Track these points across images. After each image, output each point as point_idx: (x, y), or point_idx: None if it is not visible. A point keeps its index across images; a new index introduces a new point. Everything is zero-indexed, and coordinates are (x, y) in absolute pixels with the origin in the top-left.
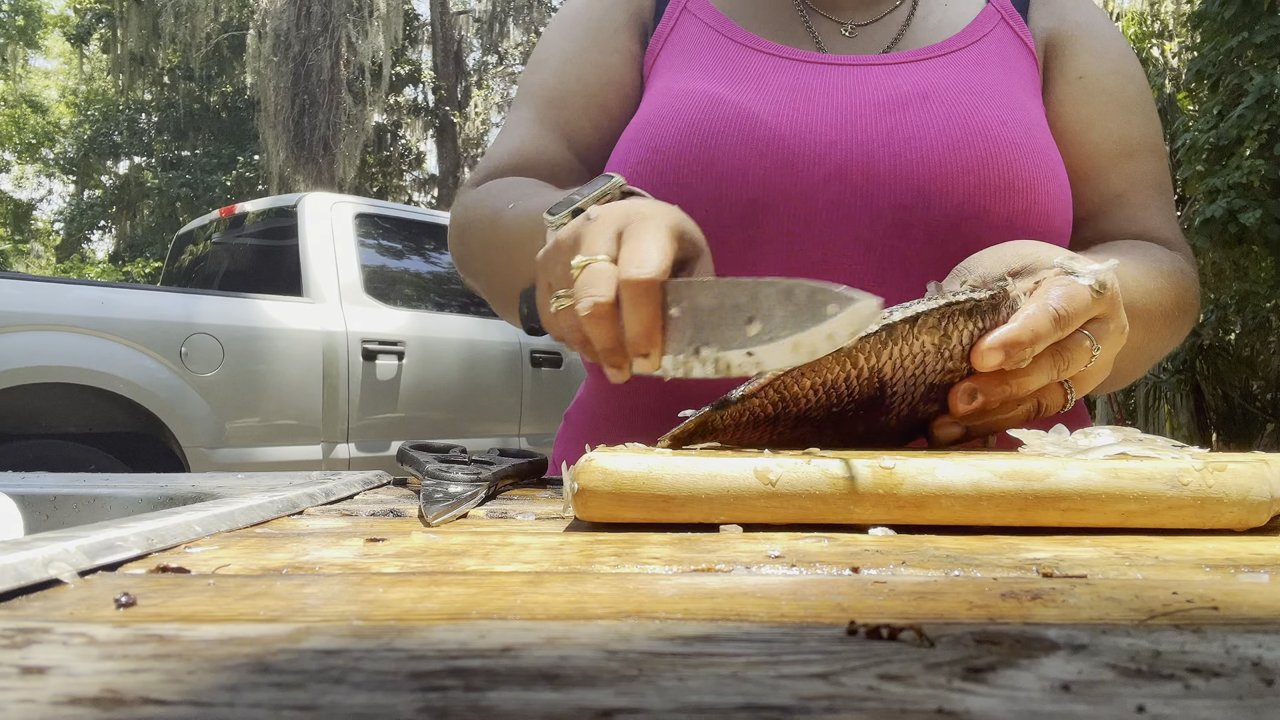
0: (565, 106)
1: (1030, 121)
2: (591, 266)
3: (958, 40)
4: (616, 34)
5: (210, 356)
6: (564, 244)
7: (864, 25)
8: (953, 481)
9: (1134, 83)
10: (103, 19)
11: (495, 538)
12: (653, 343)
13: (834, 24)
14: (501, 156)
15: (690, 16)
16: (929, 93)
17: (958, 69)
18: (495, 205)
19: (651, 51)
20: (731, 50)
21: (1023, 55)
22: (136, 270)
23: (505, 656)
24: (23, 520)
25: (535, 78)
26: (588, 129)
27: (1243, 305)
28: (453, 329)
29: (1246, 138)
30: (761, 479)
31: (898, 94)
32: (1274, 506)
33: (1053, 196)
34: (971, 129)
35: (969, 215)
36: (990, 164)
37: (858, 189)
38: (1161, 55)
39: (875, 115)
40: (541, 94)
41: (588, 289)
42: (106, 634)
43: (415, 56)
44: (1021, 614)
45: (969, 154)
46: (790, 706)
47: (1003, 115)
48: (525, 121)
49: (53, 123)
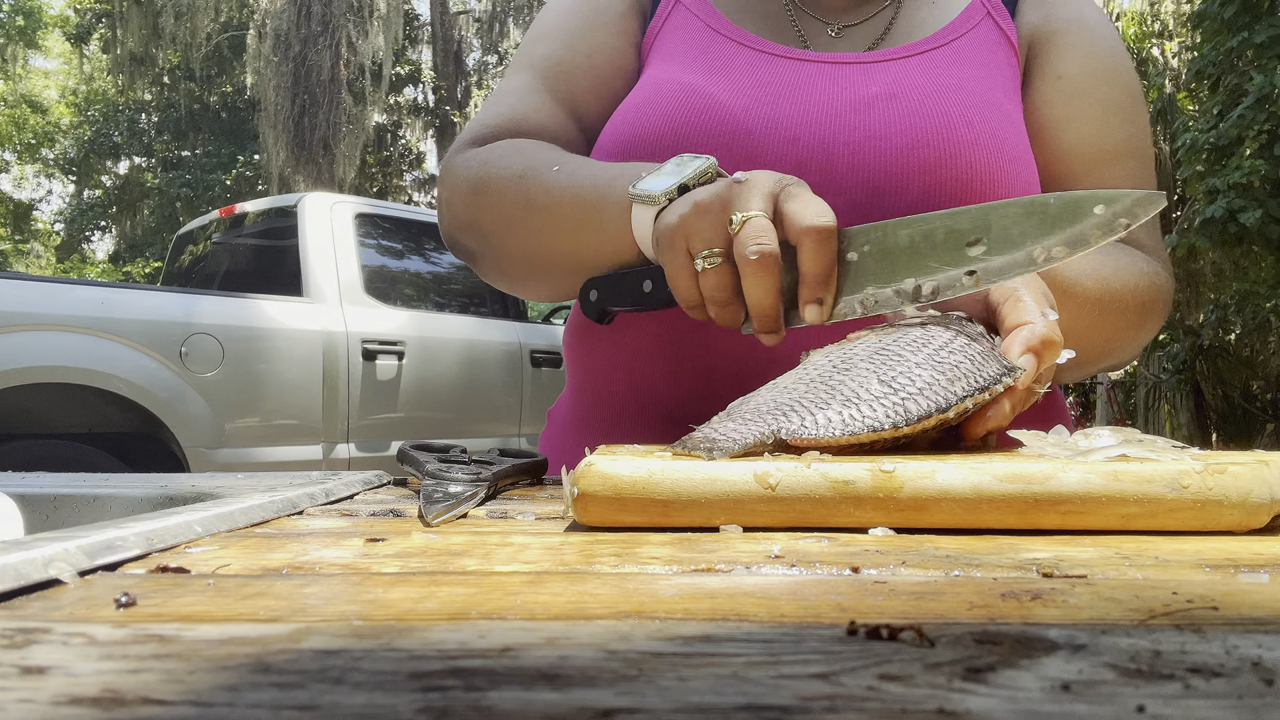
0: (573, 81)
1: (999, 120)
2: (754, 220)
3: (938, 38)
4: (622, 18)
5: (210, 356)
6: (708, 206)
7: (851, 26)
8: (953, 485)
9: (1117, 83)
10: (103, 19)
11: (495, 538)
12: (829, 286)
13: (821, 24)
14: (498, 119)
15: (682, 8)
16: (897, 92)
17: (932, 68)
18: (524, 167)
19: (647, 40)
20: (716, 43)
21: (1005, 51)
22: (136, 270)
23: (505, 656)
24: (23, 520)
25: (539, 48)
26: (596, 108)
27: (1243, 305)
28: (453, 329)
29: (1246, 138)
30: (761, 483)
31: (867, 93)
32: (1274, 508)
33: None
34: (932, 129)
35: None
36: (949, 164)
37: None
38: (1161, 55)
39: (841, 114)
40: (547, 64)
41: (753, 239)
42: (106, 634)
43: (415, 56)
44: (1021, 614)
45: (926, 154)
46: (790, 706)
47: (968, 115)
48: (528, 89)
49: (53, 123)
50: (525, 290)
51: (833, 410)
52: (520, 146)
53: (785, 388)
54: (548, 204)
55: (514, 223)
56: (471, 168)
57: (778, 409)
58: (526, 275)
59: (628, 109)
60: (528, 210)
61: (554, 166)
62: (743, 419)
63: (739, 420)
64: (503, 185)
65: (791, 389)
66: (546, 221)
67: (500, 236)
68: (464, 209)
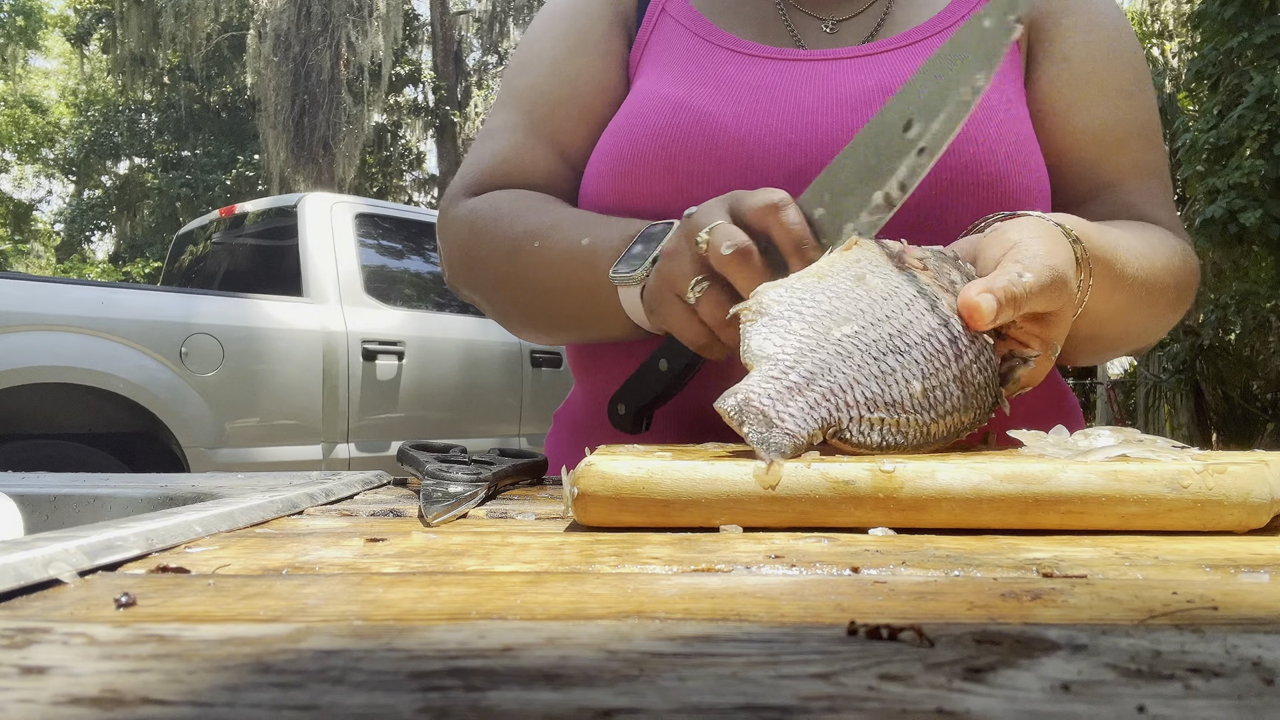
0: (557, 114)
1: (999, 107)
2: (718, 226)
3: (931, 26)
4: (605, 38)
5: (210, 356)
6: (673, 249)
7: (845, 20)
8: (953, 485)
9: (1124, 64)
10: (103, 19)
11: (495, 538)
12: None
13: (815, 21)
14: (487, 163)
15: (668, 18)
16: (892, 87)
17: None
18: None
19: (634, 55)
20: (704, 51)
21: None
22: (136, 270)
23: (505, 656)
24: (23, 520)
25: (523, 80)
26: (583, 136)
27: (1243, 305)
28: (453, 329)
29: (1246, 138)
30: (761, 483)
31: (863, 90)
32: (1274, 508)
33: (1023, 189)
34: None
35: (931, 212)
36: (953, 154)
37: None
38: (1161, 55)
39: (838, 113)
40: (531, 98)
41: (723, 240)
42: (106, 634)
43: (415, 56)
44: (1021, 614)
45: None
46: (790, 706)
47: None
48: (514, 128)
49: (53, 123)
50: (530, 339)
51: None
52: (505, 210)
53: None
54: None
55: (512, 295)
56: (462, 232)
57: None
58: (529, 334)
59: (617, 127)
60: (523, 287)
61: (535, 241)
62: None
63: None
64: (497, 260)
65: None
66: (541, 298)
67: (499, 303)
68: (461, 269)
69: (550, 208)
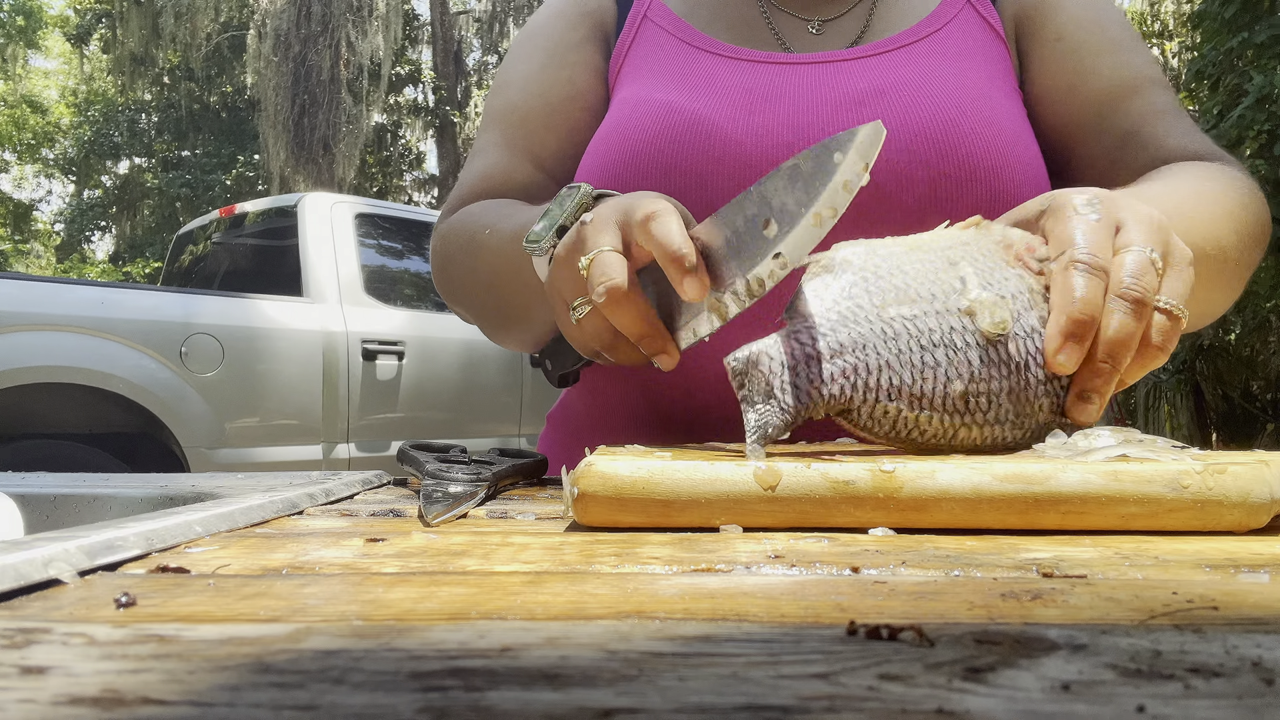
0: (529, 126)
1: (991, 108)
2: (599, 256)
3: (920, 29)
4: (577, 48)
5: (210, 356)
6: (564, 258)
7: (830, 20)
8: (953, 485)
9: (1113, 22)
10: (103, 19)
11: (495, 538)
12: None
13: (799, 22)
14: (472, 181)
15: (650, 24)
16: (886, 88)
17: (918, 60)
18: (471, 232)
19: (615, 63)
20: (690, 56)
21: (989, 37)
22: (136, 270)
23: (505, 656)
24: (23, 520)
25: (498, 100)
26: (554, 145)
27: (1243, 305)
28: (452, 329)
29: (1246, 138)
30: (761, 484)
31: (855, 92)
32: (1274, 508)
33: (1020, 181)
34: (928, 122)
35: (930, 209)
36: (950, 155)
37: None
38: (1161, 55)
39: (831, 115)
40: (505, 115)
41: (598, 280)
42: (106, 634)
43: (415, 56)
44: (1021, 614)
45: (927, 148)
46: (790, 706)
47: (962, 104)
48: (492, 145)
49: (53, 123)
50: (511, 345)
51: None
52: (480, 212)
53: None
54: (488, 271)
55: (472, 292)
56: (438, 243)
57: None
58: (504, 335)
59: (606, 133)
60: (474, 280)
61: (486, 230)
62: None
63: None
64: (459, 260)
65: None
66: (491, 289)
67: (469, 304)
68: (438, 276)
69: (513, 206)
